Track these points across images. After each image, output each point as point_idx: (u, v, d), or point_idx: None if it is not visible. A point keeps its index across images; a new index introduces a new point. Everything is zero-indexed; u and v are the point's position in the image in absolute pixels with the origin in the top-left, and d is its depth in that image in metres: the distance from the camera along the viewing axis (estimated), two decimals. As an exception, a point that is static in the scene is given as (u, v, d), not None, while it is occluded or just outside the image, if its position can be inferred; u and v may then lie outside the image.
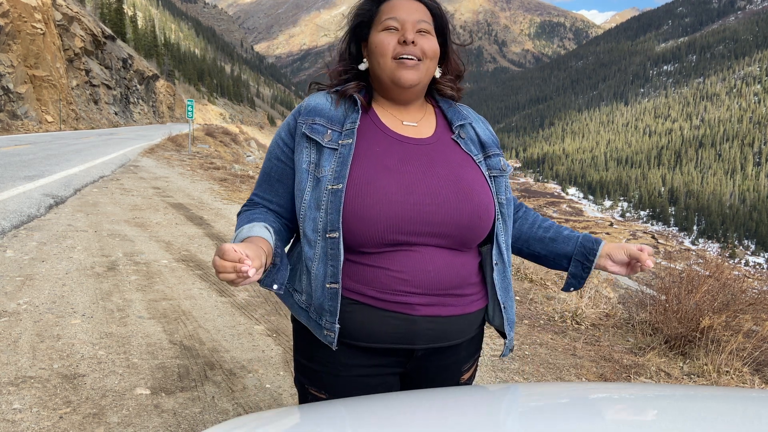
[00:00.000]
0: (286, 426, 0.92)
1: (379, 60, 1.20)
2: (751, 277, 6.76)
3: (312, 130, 1.20)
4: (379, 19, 1.23)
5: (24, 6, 28.28)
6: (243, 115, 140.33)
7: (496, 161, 1.29)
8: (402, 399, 1.03)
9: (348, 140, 1.17)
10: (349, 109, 1.23)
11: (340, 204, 1.12)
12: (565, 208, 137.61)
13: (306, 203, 1.17)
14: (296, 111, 1.26)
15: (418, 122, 1.27)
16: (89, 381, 2.63)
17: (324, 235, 1.14)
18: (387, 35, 1.20)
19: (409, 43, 1.18)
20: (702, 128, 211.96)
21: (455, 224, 1.15)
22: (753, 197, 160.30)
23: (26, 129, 26.44)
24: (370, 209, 1.11)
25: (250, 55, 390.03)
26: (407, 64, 1.18)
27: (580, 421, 0.88)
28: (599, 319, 4.34)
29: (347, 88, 1.25)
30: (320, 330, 1.18)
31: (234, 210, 8.03)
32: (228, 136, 32.92)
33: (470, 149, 1.27)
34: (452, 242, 1.17)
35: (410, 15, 1.21)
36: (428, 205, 1.13)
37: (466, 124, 1.30)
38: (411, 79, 1.19)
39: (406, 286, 1.14)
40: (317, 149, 1.19)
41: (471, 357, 1.33)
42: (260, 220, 1.20)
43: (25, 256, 4.68)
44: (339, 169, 1.14)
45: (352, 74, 1.28)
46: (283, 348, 3.23)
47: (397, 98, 1.25)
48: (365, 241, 1.13)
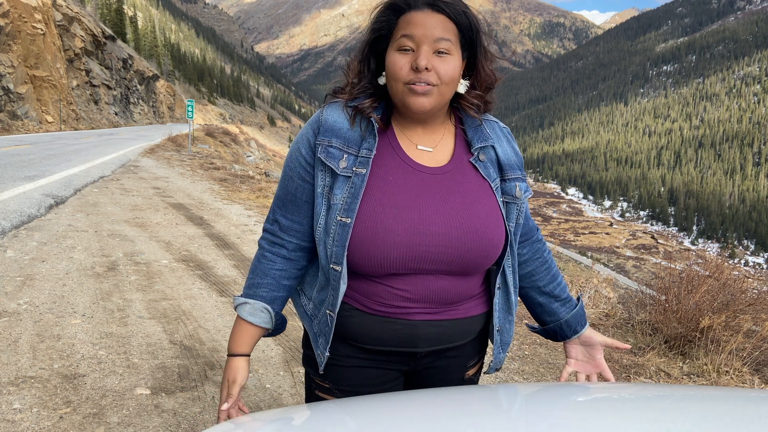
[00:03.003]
0: (286, 426, 0.92)
1: (392, 83, 1.12)
2: (751, 277, 6.76)
3: (328, 154, 1.14)
4: (396, 35, 1.11)
5: (24, 6, 28.28)
6: (243, 115, 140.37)
7: (511, 186, 1.21)
8: (401, 399, 1.04)
9: (362, 170, 1.12)
10: (366, 129, 1.16)
11: (346, 239, 1.10)
12: (565, 208, 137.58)
13: (321, 227, 1.16)
14: (314, 124, 1.19)
15: (434, 147, 1.19)
16: (89, 381, 2.63)
17: (329, 265, 1.15)
18: (400, 57, 1.10)
19: (422, 69, 1.07)
20: (702, 128, 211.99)
21: (463, 261, 1.14)
22: (753, 197, 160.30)
23: (26, 129, 26.44)
24: (376, 248, 1.10)
25: (250, 56, 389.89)
26: (417, 90, 1.09)
27: (580, 421, 0.88)
28: (599, 319, 4.34)
29: (363, 107, 1.16)
30: (316, 346, 1.23)
31: (234, 210, 8.03)
32: (228, 137, 32.93)
33: (489, 174, 1.19)
34: (459, 272, 1.17)
35: (428, 33, 1.08)
36: (437, 246, 1.11)
37: (488, 147, 1.22)
38: (422, 106, 1.11)
39: (408, 302, 1.15)
40: (331, 174, 1.15)
41: (477, 354, 1.33)
42: (271, 288, 1.24)
43: (25, 256, 4.68)
44: (350, 201, 1.11)
45: (367, 89, 1.18)
46: (283, 348, 3.23)
47: (414, 119, 1.19)
48: (370, 272, 1.14)
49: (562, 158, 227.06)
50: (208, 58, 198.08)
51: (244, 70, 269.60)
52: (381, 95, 1.19)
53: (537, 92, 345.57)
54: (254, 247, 5.77)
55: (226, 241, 5.94)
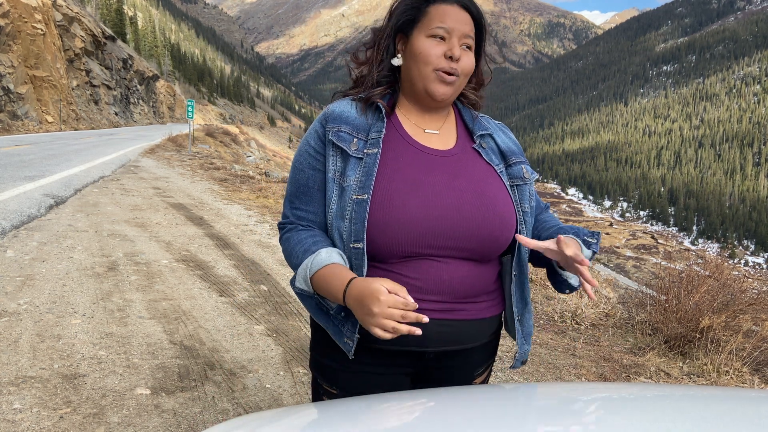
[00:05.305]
0: (286, 426, 0.92)
1: (421, 67, 1.17)
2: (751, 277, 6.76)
3: (339, 137, 1.18)
4: (428, 23, 1.18)
5: (24, 6, 28.28)
6: (243, 115, 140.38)
7: (518, 169, 1.26)
8: (401, 399, 1.04)
9: (373, 150, 1.16)
10: (373, 116, 1.21)
11: (365, 214, 1.11)
12: (565, 208, 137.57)
13: (333, 212, 1.17)
14: (322, 118, 1.23)
15: (439, 130, 1.25)
16: (89, 381, 2.63)
17: (348, 245, 1.14)
18: (434, 44, 1.16)
19: (456, 59, 1.16)
20: (702, 128, 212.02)
21: (477, 238, 1.15)
22: (752, 197, 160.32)
23: (26, 129, 26.44)
24: (393, 222, 1.11)
25: (251, 56, 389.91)
26: (446, 79, 1.17)
27: (580, 421, 0.88)
28: (599, 319, 4.34)
29: (372, 95, 1.22)
30: (340, 336, 1.18)
31: (234, 210, 8.03)
32: (228, 137, 32.93)
33: (492, 159, 1.25)
34: (473, 254, 1.17)
35: (460, 27, 1.17)
36: (451, 219, 1.13)
37: (486, 135, 1.29)
38: (445, 94, 1.18)
39: (419, 293, 1.14)
40: (342, 157, 1.17)
41: (484, 362, 1.32)
42: (327, 243, 1.17)
43: (25, 256, 4.68)
44: (364, 179, 1.13)
45: (386, 77, 1.25)
46: (283, 348, 3.23)
47: (425, 105, 1.23)
48: (386, 252, 1.13)
49: (562, 158, 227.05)
50: (208, 59, 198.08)
51: (244, 70, 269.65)
52: (389, 84, 1.24)
53: (537, 92, 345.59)
54: (254, 247, 5.77)
55: (226, 241, 5.95)
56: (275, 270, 4.93)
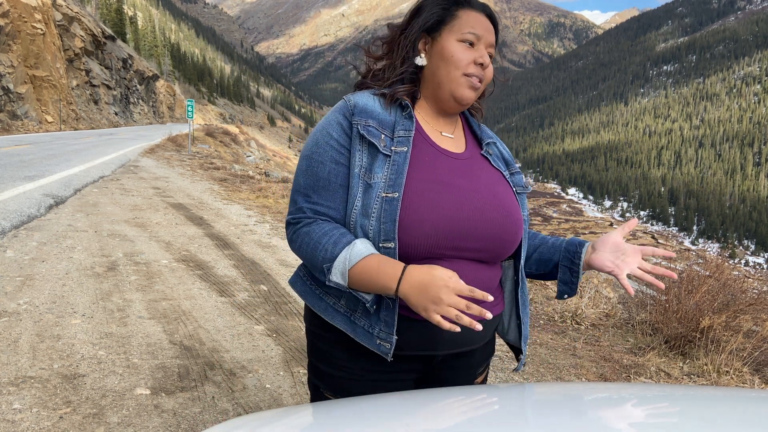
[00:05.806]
0: (286, 426, 0.92)
1: (450, 70, 1.17)
2: (751, 277, 6.76)
3: (368, 132, 1.14)
4: (458, 26, 1.18)
5: (24, 6, 28.28)
6: (243, 115, 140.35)
7: (519, 178, 1.31)
8: (401, 399, 1.03)
9: (402, 148, 1.14)
10: (398, 114, 1.19)
11: (396, 213, 1.09)
12: (565, 208, 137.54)
13: (357, 210, 1.13)
14: (345, 109, 1.18)
15: (453, 134, 1.26)
16: (89, 381, 2.63)
17: (377, 244, 1.11)
18: (465, 49, 1.17)
19: (486, 66, 1.19)
20: (702, 128, 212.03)
21: (498, 240, 1.17)
22: (753, 197, 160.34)
23: (26, 129, 26.44)
24: (423, 221, 1.10)
25: (250, 56, 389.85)
26: (476, 85, 1.19)
27: (580, 422, 0.88)
28: (599, 319, 4.34)
29: (398, 92, 1.20)
30: (370, 339, 1.13)
31: (234, 210, 8.03)
32: (228, 137, 32.93)
33: (499, 166, 1.27)
34: (488, 256, 1.18)
35: (488, 36, 1.20)
36: (476, 221, 1.14)
37: (492, 143, 1.32)
38: (470, 98, 1.20)
39: None
40: (370, 153, 1.14)
41: (484, 361, 1.33)
42: (352, 235, 1.12)
43: (25, 256, 4.68)
44: (395, 177, 1.11)
45: (412, 74, 1.22)
46: (283, 348, 3.23)
47: (445, 109, 1.23)
48: (411, 252, 1.11)
49: (562, 158, 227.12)
50: (208, 58, 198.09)
51: (244, 70, 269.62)
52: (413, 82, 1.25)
53: (537, 92, 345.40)
54: (254, 247, 5.77)
55: (226, 241, 5.95)
56: (275, 270, 4.93)
